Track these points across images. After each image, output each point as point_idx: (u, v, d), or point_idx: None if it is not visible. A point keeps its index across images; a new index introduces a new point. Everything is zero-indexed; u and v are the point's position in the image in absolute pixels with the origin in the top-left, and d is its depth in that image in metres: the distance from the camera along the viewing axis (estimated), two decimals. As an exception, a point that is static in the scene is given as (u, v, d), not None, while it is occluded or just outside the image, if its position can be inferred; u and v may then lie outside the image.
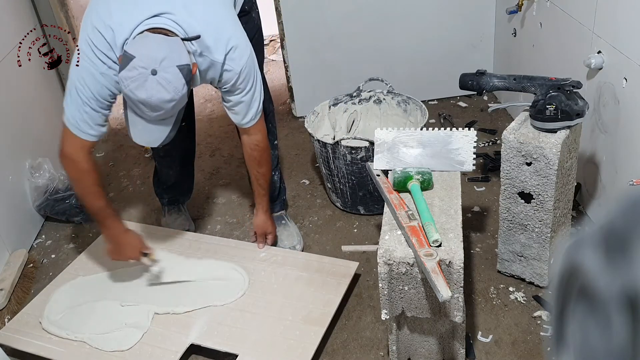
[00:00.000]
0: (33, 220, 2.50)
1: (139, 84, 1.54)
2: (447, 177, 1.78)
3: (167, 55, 1.55)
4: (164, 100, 1.56)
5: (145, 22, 1.62)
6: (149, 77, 1.54)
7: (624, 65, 1.84)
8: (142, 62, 1.54)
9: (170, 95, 1.56)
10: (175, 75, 1.56)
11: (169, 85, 1.55)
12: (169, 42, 1.59)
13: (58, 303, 2.00)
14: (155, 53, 1.55)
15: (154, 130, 1.64)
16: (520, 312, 1.89)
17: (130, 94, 1.56)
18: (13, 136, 2.41)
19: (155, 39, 1.58)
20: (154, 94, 1.55)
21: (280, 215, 2.34)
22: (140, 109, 1.59)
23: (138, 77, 1.54)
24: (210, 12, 1.72)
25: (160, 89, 1.55)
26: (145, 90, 1.54)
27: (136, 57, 1.54)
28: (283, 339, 1.78)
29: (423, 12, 2.95)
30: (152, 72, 1.54)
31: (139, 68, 1.53)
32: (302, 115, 2.98)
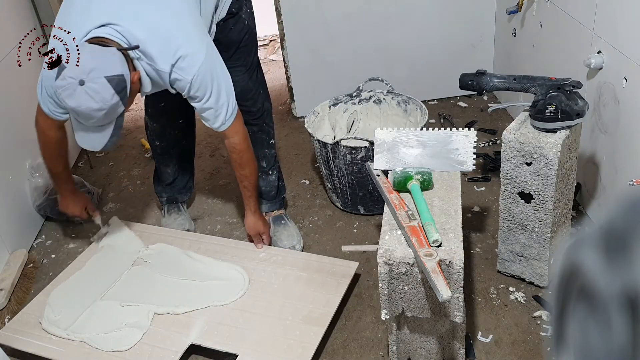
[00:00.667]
0: (33, 220, 2.50)
1: (68, 93, 1.61)
2: (447, 177, 1.78)
3: (96, 66, 1.60)
4: (92, 109, 1.61)
5: (93, 32, 1.67)
6: (77, 87, 1.60)
7: (624, 65, 1.84)
8: (71, 73, 1.60)
9: (98, 105, 1.61)
10: (103, 86, 1.60)
11: (97, 95, 1.60)
12: (102, 52, 1.63)
13: (58, 303, 2.00)
14: (83, 64, 1.60)
15: (95, 136, 1.71)
16: (520, 312, 1.89)
17: (62, 102, 1.65)
18: (13, 136, 2.41)
19: (89, 49, 1.63)
20: (82, 103, 1.60)
21: (280, 214, 2.34)
22: (73, 115, 1.67)
23: (68, 87, 1.60)
24: (158, 22, 1.72)
25: (88, 98, 1.60)
26: (74, 100, 1.61)
27: (66, 68, 1.61)
28: (283, 339, 1.78)
29: (423, 12, 2.95)
30: (79, 82, 1.59)
31: (67, 78, 1.60)
32: (302, 115, 2.98)
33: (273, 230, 2.29)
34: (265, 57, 4.03)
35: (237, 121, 1.91)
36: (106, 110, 1.63)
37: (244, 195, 2.11)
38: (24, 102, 2.55)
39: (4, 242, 2.26)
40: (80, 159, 3.00)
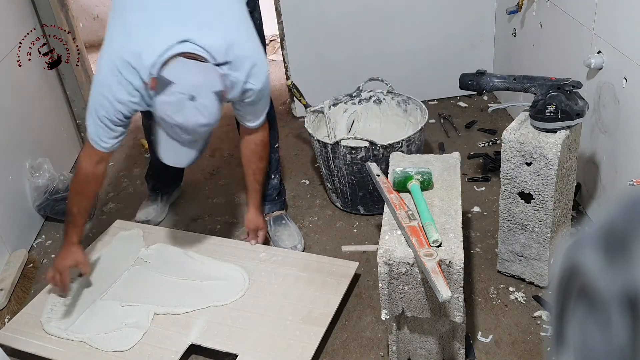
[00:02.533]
0: (33, 220, 2.50)
1: (177, 109, 1.57)
2: (447, 177, 1.78)
3: (204, 83, 1.60)
4: (200, 124, 1.60)
5: (176, 47, 1.65)
6: (187, 102, 1.57)
7: (624, 65, 1.84)
8: (181, 88, 1.57)
9: (207, 120, 1.60)
10: (212, 101, 1.60)
11: (206, 110, 1.59)
12: (205, 68, 1.63)
13: (58, 303, 2.00)
14: (193, 79, 1.59)
15: (185, 152, 1.67)
16: (520, 312, 1.89)
17: (167, 118, 1.59)
18: (13, 136, 2.41)
19: (192, 65, 1.62)
20: (189, 118, 1.58)
21: (281, 215, 2.34)
22: (175, 132, 1.61)
23: (176, 103, 1.57)
24: (228, 28, 1.74)
25: (197, 113, 1.58)
26: (183, 115, 1.57)
27: (175, 83, 1.57)
28: (283, 339, 1.78)
29: (423, 12, 2.95)
30: (190, 97, 1.57)
31: (177, 94, 1.57)
32: (302, 115, 2.98)
33: (274, 230, 2.29)
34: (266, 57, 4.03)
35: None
36: (211, 126, 1.63)
37: (253, 189, 2.13)
38: (24, 102, 2.55)
39: (4, 242, 2.26)
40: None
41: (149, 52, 1.65)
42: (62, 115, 2.91)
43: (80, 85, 2.99)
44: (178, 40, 1.66)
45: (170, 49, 1.65)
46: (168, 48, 1.64)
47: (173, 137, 1.63)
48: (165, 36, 1.66)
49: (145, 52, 1.65)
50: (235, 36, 1.74)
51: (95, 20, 4.65)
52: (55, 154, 2.69)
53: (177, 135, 1.62)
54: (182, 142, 1.64)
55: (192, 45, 1.67)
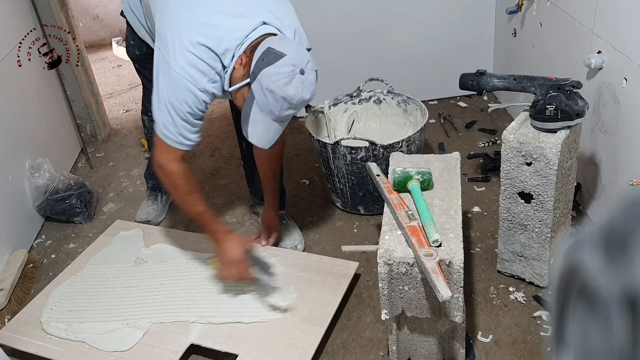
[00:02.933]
0: (33, 220, 2.50)
1: (288, 80, 1.57)
2: (447, 177, 1.78)
3: (310, 59, 1.62)
4: (304, 99, 1.61)
5: (260, 29, 1.65)
6: (297, 75, 1.58)
7: (624, 65, 1.84)
8: (294, 60, 1.57)
9: (309, 95, 1.62)
10: (314, 79, 1.63)
11: (310, 86, 1.62)
12: (303, 47, 1.67)
13: (58, 303, 2.00)
14: (302, 54, 1.61)
15: (273, 129, 1.65)
16: (520, 312, 1.89)
17: (275, 89, 1.57)
18: (13, 136, 2.41)
19: (295, 42, 1.65)
20: (298, 92, 1.59)
21: (281, 215, 2.34)
22: (278, 104, 1.59)
23: (289, 74, 1.57)
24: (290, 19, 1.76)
25: (304, 88, 1.60)
26: (293, 87, 1.58)
27: (287, 55, 1.57)
28: (283, 339, 1.78)
29: (423, 12, 2.95)
30: (300, 71, 1.58)
31: (290, 65, 1.57)
32: (302, 115, 2.98)
33: (274, 230, 2.29)
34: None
35: None
36: (308, 102, 1.64)
37: (272, 189, 2.13)
38: (24, 102, 2.55)
39: (4, 242, 2.26)
40: (80, 159, 3.00)
41: (232, 34, 1.64)
42: (62, 115, 2.91)
43: (80, 85, 2.99)
44: (262, 21, 1.67)
45: (256, 29, 1.65)
46: (254, 28, 1.65)
47: (271, 111, 1.60)
48: (247, 19, 1.66)
49: (227, 35, 1.63)
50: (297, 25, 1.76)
51: (95, 20, 4.65)
52: (55, 154, 2.69)
53: (278, 109, 1.59)
54: (278, 117, 1.62)
55: (273, 28, 1.68)
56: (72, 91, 2.97)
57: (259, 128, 1.64)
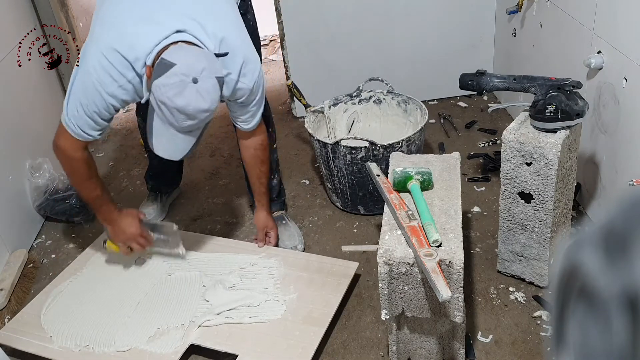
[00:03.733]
0: (33, 220, 2.50)
1: (178, 91, 1.53)
2: (447, 177, 1.78)
3: (206, 66, 1.56)
4: (201, 109, 1.56)
5: (172, 36, 1.63)
6: (189, 85, 1.53)
7: (624, 65, 1.84)
8: (183, 70, 1.53)
9: (207, 105, 1.57)
10: (214, 86, 1.57)
11: (208, 95, 1.56)
12: (206, 54, 1.61)
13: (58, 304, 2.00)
14: (196, 62, 1.55)
15: (180, 141, 1.63)
16: (520, 312, 1.89)
17: (166, 101, 1.54)
18: (13, 136, 2.41)
19: (194, 50, 1.60)
20: (191, 102, 1.54)
21: (281, 215, 2.34)
22: (174, 116, 1.57)
23: (178, 84, 1.53)
24: (220, 26, 1.72)
25: (198, 97, 1.55)
26: (184, 98, 1.54)
27: (177, 65, 1.53)
28: (283, 339, 1.78)
29: (423, 12, 2.95)
30: (193, 80, 1.54)
31: (179, 75, 1.53)
32: (302, 115, 2.98)
33: (274, 230, 2.29)
34: (265, 57, 4.03)
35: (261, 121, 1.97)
36: (210, 112, 1.60)
37: (260, 192, 2.13)
38: (24, 102, 2.55)
39: (4, 242, 2.26)
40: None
41: (143, 41, 1.62)
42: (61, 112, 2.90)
43: (80, 85, 2.98)
44: (176, 29, 1.64)
45: (168, 37, 1.62)
46: (165, 37, 1.62)
47: (170, 123, 1.58)
48: (160, 27, 1.64)
49: (138, 43, 1.62)
50: (226, 33, 1.71)
51: (95, 20, 4.64)
52: (55, 154, 2.68)
53: (175, 120, 1.57)
54: (180, 128, 1.60)
55: (189, 36, 1.65)
56: (72, 91, 2.96)
57: (163, 140, 1.62)
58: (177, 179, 2.59)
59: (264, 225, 2.16)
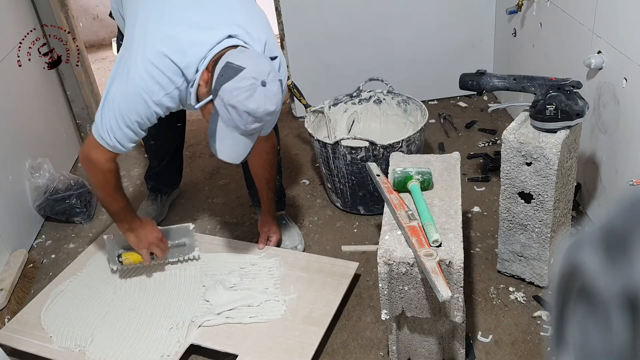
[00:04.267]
0: (33, 220, 2.50)
1: (249, 94, 1.54)
2: (447, 177, 1.78)
3: (271, 69, 1.58)
4: (269, 111, 1.58)
5: (225, 42, 1.64)
6: (259, 88, 1.55)
7: (624, 65, 1.84)
8: (254, 73, 1.54)
9: (274, 107, 1.58)
10: (278, 89, 1.60)
11: (274, 97, 1.58)
12: (266, 57, 1.62)
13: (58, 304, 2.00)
14: (262, 66, 1.57)
15: (242, 145, 1.62)
16: (520, 312, 1.89)
17: (237, 104, 1.54)
18: (13, 136, 2.41)
19: (256, 54, 1.61)
20: (261, 105, 1.55)
21: (281, 215, 2.34)
22: (242, 119, 1.56)
23: (249, 88, 1.54)
24: (260, 30, 1.73)
25: (266, 100, 1.56)
26: (254, 101, 1.55)
27: (246, 68, 1.54)
28: (283, 339, 1.78)
29: (423, 12, 2.95)
30: (262, 83, 1.55)
31: (250, 79, 1.54)
32: (302, 115, 2.98)
33: (274, 230, 2.29)
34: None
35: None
36: (276, 114, 1.62)
37: (267, 197, 2.13)
38: (24, 102, 2.55)
39: (4, 242, 2.26)
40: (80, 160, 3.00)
41: (195, 48, 1.62)
42: (62, 115, 2.91)
43: (80, 85, 2.98)
44: (227, 34, 1.65)
45: (221, 42, 1.63)
46: (218, 42, 1.63)
47: (236, 126, 1.57)
48: (212, 32, 1.64)
49: (190, 49, 1.62)
50: (267, 36, 1.74)
51: (95, 20, 4.65)
52: (55, 154, 2.69)
53: (243, 123, 1.57)
54: (245, 132, 1.59)
55: (240, 41, 1.66)
56: (72, 91, 2.97)
57: (227, 144, 1.61)
58: (177, 179, 2.59)
59: (268, 229, 2.17)
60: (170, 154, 2.44)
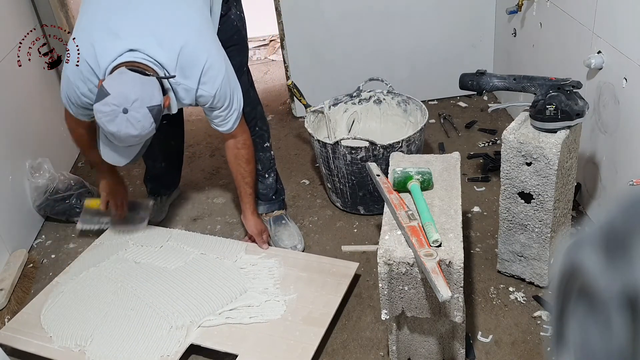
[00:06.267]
0: (33, 220, 2.50)
1: (109, 119, 1.66)
2: (447, 177, 1.78)
3: (139, 97, 1.66)
4: (130, 135, 1.69)
5: (125, 55, 1.73)
6: (120, 114, 1.65)
7: (624, 65, 1.84)
8: (115, 100, 1.65)
9: (137, 132, 1.69)
10: (145, 116, 1.68)
11: (138, 123, 1.67)
12: (144, 82, 1.69)
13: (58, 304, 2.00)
14: (128, 93, 1.65)
15: (122, 153, 1.77)
16: (520, 312, 1.89)
17: (102, 125, 1.69)
18: (13, 136, 2.41)
19: (131, 78, 1.68)
20: (122, 129, 1.67)
21: (281, 215, 2.34)
22: (107, 137, 1.72)
23: (110, 113, 1.65)
24: (180, 36, 1.78)
25: (128, 125, 1.66)
26: (115, 125, 1.66)
27: (111, 95, 1.65)
28: (283, 339, 1.78)
29: (423, 12, 2.95)
30: (123, 110, 1.65)
31: (111, 105, 1.65)
32: (302, 115, 2.98)
33: (274, 230, 2.29)
34: (265, 57, 4.03)
35: (242, 121, 2.00)
36: (141, 137, 1.71)
37: (245, 193, 2.13)
38: (24, 102, 2.55)
39: (4, 242, 2.26)
40: (80, 159, 3.00)
41: (104, 55, 1.74)
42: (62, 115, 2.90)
43: (80, 85, 2.98)
44: (129, 48, 1.73)
45: (120, 56, 1.73)
46: (119, 55, 1.73)
47: (110, 141, 1.73)
48: (118, 42, 1.74)
49: (100, 55, 1.74)
50: (186, 41, 1.77)
51: (95, 20, 4.64)
52: (55, 154, 2.69)
53: (112, 140, 1.72)
54: (117, 147, 1.75)
55: (142, 55, 1.73)
56: (72, 91, 2.96)
57: (108, 151, 1.77)
58: (175, 181, 2.59)
59: (257, 230, 2.16)
60: (165, 156, 2.44)
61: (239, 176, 2.10)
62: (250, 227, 2.17)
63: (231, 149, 2.04)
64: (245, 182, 2.10)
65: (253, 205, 2.16)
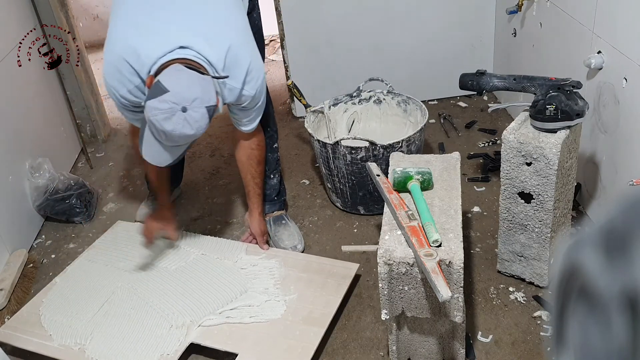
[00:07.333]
0: (33, 220, 2.50)
1: (166, 117, 1.58)
2: (447, 177, 1.78)
3: (199, 96, 1.60)
4: (186, 135, 1.62)
5: (176, 52, 1.67)
6: (178, 112, 1.58)
7: (624, 65, 1.84)
8: (175, 98, 1.57)
9: (194, 132, 1.62)
10: (203, 115, 1.61)
11: (195, 123, 1.60)
12: (202, 81, 1.63)
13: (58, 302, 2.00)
14: (188, 92, 1.59)
15: (167, 153, 1.69)
16: (520, 312, 1.89)
17: (155, 123, 1.59)
18: (13, 136, 2.41)
19: (190, 76, 1.62)
20: (177, 128, 1.59)
21: (281, 215, 2.34)
22: (160, 136, 1.63)
23: (168, 111, 1.58)
24: (226, 36, 1.75)
25: (185, 124, 1.59)
26: (171, 124, 1.58)
27: (170, 92, 1.57)
28: (283, 339, 1.78)
29: (423, 12, 2.95)
30: (182, 109, 1.58)
31: (170, 103, 1.57)
32: (302, 115, 2.98)
33: (274, 230, 2.29)
34: (266, 57, 4.03)
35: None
36: (197, 137, 1.65)
37: (255, 193, 2.13)
38: (24, 102, 2.55)
39: (4, 242, 2.26)
40: (80, 159, 3.00)
41: (149, 51, 1.67)
42: (62, 115, 2.91)
43: (80, 85, 2.98)
44: (180, 45, 1.67)
45: (171, 52, 1.66)
46: (169, 51, 1.66)
47: (157, 139, 1.65)
48: (167, 38, 1.68)
49: (144, 52, 1.67)
50: (232, 41, 1.75)
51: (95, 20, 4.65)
52: (55, 154, 2.69)
53: (161, 139, 1.64)
54: (166, 146, 1.67)
55: (194, 53, 1.68)
56: (72, 91, 2.96)
57: (153, 149, 1.68)
58: (176, 180, 2.59)
59: (262, 230, 2.17)
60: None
61: (248, 176, 2.10)
62: (254, 226, 2.17)
63: (244, 149, 2.04)
64: (255, 182, 2.11)
65: (261, 205, 2.17)
